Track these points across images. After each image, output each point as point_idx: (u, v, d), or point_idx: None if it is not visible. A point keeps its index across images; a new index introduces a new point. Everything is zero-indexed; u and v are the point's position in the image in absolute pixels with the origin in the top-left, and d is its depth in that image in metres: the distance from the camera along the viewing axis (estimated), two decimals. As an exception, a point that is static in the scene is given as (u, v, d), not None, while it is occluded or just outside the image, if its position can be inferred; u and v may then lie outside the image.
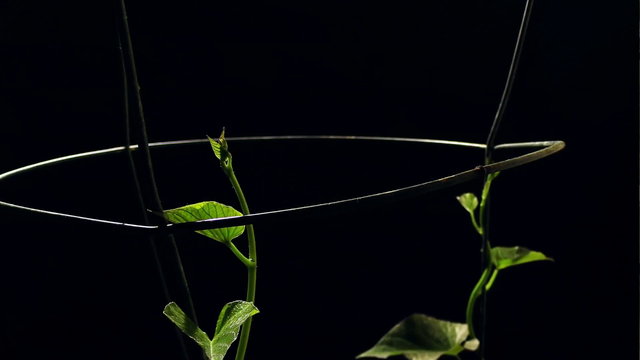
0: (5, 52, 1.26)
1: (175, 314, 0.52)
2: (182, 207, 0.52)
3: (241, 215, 0.54)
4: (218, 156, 0.55)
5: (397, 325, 0.91)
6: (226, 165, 0.55)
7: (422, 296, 1.34)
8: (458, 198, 0.86)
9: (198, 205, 0.52)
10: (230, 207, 0.53)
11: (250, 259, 0.56)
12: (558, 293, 1.35)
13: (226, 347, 0.51)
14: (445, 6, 1.29)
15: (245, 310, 0.53)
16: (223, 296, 0.56)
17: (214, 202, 0.53)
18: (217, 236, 0.55)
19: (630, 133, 1.28)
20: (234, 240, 0.55)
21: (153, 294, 0.52)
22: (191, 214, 0.52)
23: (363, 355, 0.90)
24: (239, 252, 0.55)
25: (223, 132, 0.56)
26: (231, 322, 0.53)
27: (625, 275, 1.31)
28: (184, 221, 0.52)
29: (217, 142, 0.56)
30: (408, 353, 0.88)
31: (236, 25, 1.29)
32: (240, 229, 0.55)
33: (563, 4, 1.28)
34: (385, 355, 0.89)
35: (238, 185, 0.55)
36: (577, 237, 1.33)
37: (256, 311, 0.53)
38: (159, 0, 1.27)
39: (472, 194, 0.86)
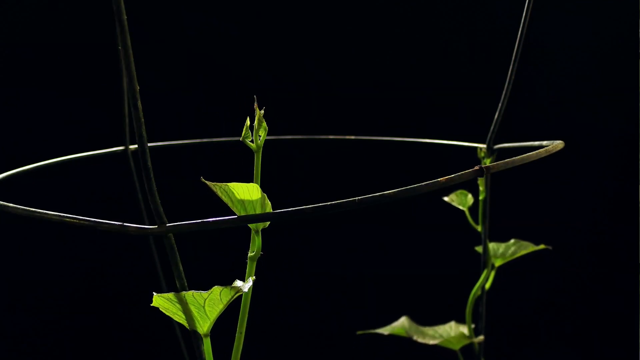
0: (5, 52, 1.26)
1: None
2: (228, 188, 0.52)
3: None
4: (252, 125, 0.56)
5: (401, 320, 0.91)
6: (258, 142, 0.56)
7: (422, 296, 1.34)
8: (446, 199, 0.86)
9: (255, 196, 0.52)
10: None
11: (252, 253, 0.56)
12: (558, 293, 1.35)
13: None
14: (445, 6, 1.29)
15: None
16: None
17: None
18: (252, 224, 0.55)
19: (630, 133, 1.28)
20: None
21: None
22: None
23: (365, 331, 0.91)
24: (259, 243, 0.55)
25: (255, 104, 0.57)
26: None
27: (625, 275, 1.31)
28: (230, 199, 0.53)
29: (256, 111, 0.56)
30: (410, 332, 0.88)
31: (236, 25, 1.29)
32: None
33: (563, 4, 1.28)
34: (386, 332, 0.90)
35: (259, 166, 0.56)
36: (577, 236, 1.33)
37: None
38: (159, 0, 1.28)
39: (465, 191, 0.86)
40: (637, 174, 1.28)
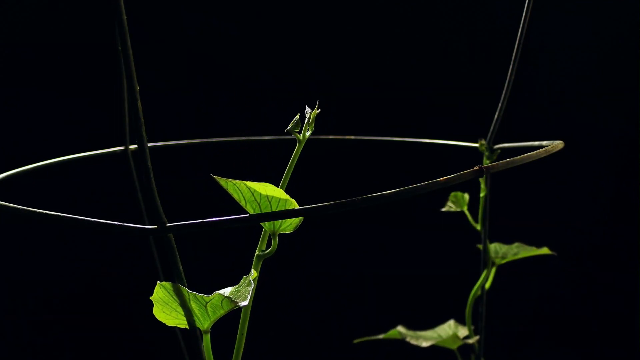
0: (5, 52, 1.26)
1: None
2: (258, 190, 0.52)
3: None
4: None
5: (397, 327, 0.92)
6: (306, 135, 0.57)
7: (422, 296, 1.34)
8: (444, 209, 0.87)
9: (274, 196, 0.53)
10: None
11: (262, 251, 0.57)
12: (558, 293, 1.35)
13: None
14: (445, 6, 1.29)
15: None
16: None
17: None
18: (268, 227, 0.56)
19: (630, 133, 1.28)
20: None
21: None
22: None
23: (361, 339, 0.91)
24: (276, 245, 0.55)
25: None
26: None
27: (625, 275, 1.31)
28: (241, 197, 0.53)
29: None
30: (405, 335, 0.88)
31: (236, 25, 1.29)
32: (295, 223, 0.55)
33: (563, 4, 1.28)
34: (381, 335, 0.90)
35: (295, 160, 0.57)
36: (577, 237, 1.33)
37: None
38: (159, 0, 1.28)
39: (459, 192, 0.86)
40: (637, 174, 1.28)
